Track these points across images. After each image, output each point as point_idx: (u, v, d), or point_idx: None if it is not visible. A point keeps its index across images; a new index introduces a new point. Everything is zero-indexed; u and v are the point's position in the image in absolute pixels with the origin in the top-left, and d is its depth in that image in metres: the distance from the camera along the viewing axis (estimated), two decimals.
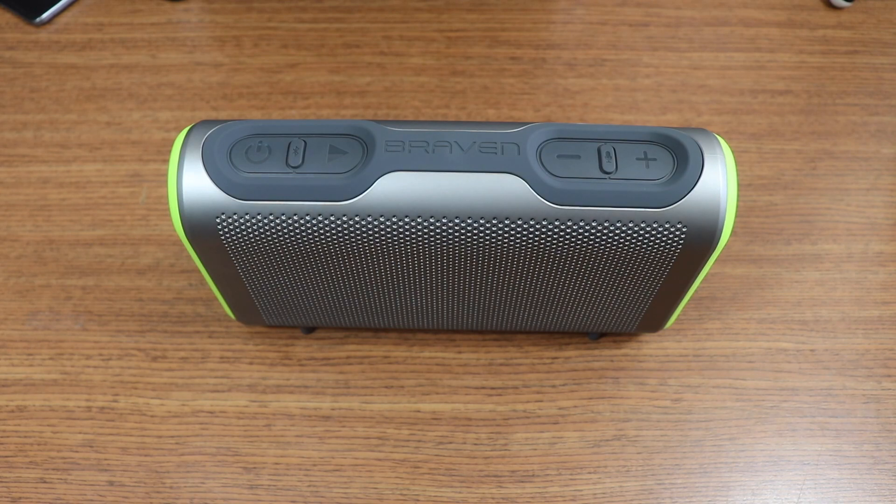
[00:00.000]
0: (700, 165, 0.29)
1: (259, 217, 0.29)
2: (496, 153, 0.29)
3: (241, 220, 0.30)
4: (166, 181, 0.30)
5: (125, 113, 0.50)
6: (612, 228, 0.29)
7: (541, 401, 0.41)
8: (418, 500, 0.38)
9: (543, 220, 0.29)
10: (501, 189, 0.29)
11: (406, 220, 0.29)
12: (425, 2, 0.55)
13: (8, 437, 0.39)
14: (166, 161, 0.48)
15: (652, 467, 0.39)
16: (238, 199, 0.29)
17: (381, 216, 0.29)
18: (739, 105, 0.51)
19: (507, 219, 0.29)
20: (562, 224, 0.29)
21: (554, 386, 0.41)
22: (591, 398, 0.41)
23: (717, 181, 0.29)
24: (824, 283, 0.44)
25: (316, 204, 0.29)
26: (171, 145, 0.48)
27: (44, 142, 0.49)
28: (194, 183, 0.29)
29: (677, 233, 0.29)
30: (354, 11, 0.54)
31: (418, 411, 0.40)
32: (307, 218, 0.29)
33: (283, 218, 0.29)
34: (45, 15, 0.53)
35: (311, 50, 0.53)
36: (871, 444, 0.40)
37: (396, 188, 0.29)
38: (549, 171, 0.29)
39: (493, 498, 0.38)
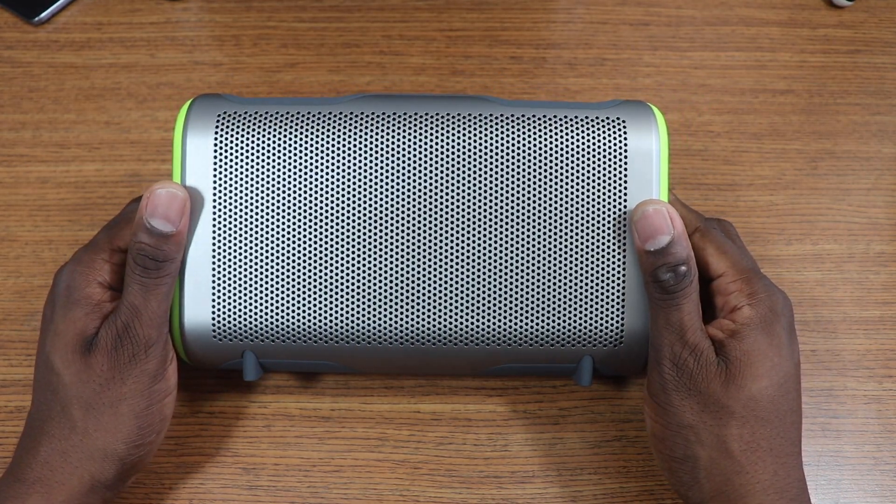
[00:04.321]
0: (622, 101, 0.37)
1: (256, 114, 0.35)
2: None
3: (240, 115, 0.35)
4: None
5: (124, 112, 0.50)
6: (561, 118, 0.35)
7: (541, 401, 0.40)
8: (418, 501, 0.38)
9: (500, 113, 0.35)
10: (466, 101, 0.36)
11: (382, 114, 0.35)
12: (425, 1, 0.55)
13: (7, 437, 0.39)
14: (165, 161, 0.48)
15: (653, 468, 0.39)
16: (229, 100, 0.36)
17: (362, 111, 0.35)
18: (740, 105, 0.51)
19: (469, 114, 0.35)
20: (516, 115, 0.35)
21: (554, 387, 0.41)
22: (591, 399, 0.41)
23: (644, 105, 0.37)
24: (825, 283, 0.44)
25: (304, 104, 0.36)
26: (171, 145, 0.48)
27: (42, 141, 0.48)
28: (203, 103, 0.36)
29: (619, 124, 0.35)
30: (354, 11, 0.54)
31: (418, 412, 0.40)
32: (297, 113, 0.35)
33: (278, 114, 0.35)
34: (44, 14, 0.53)
35: (310, 49, 0.52)
36: (872, 445, 0.40)
37: (375, 99, 0.36)
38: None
39: (493, 499, 0.38)
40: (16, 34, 0.53)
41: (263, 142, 0.35)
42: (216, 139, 0.35)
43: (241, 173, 0.35)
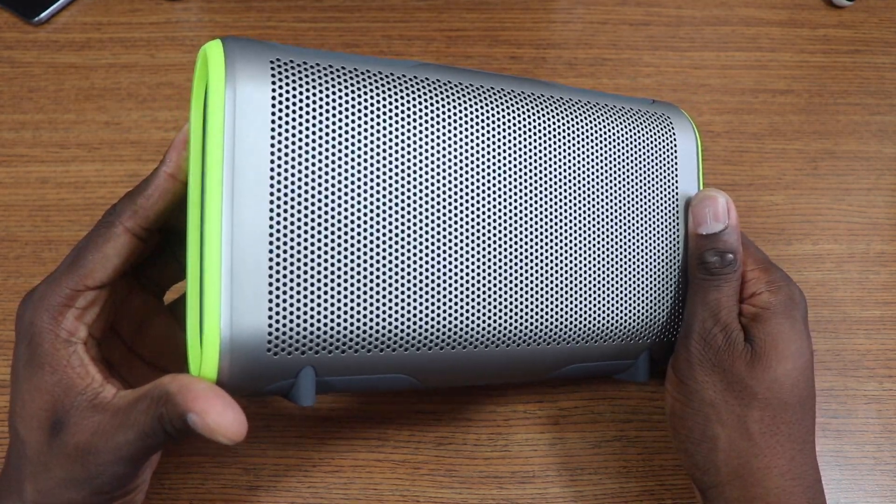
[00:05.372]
0: (650, 100, 0.37)
1: (318, 66, 0.28)
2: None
3: (300, 66, 0.28)
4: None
5: (124, 113, 0.50)
6: (612, 106, 0.35)
7: (541, 401, 0.40)
8: (418, 501, 0.38)
9: (570, 98, 0.34)
10: (524, 80, 0.34)
11: (438, 81, 0.31)
12: (425, 1, 0.55)
13: (7, 437, 0.39)
14: None
15: (653, 468, 0.39)
16: (270, 46, 0.28)
17: (415, 74, 0.30)
18: (740, 104, 0.51)
19: (532, 89, 0.33)
20: (570, 98, 0.34)
21: (554, 386, 0.41)
22: (591, 399, 0.41)
23: (674, 107, 0.38)
24: (825, 283, 0.44)
25: (368, 63, 0.30)
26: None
27: (42, 142, 0.48)
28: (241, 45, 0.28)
29: (667, 121, 0.36)
30: (354, 11, 0.54)
31: (418, 412, 0.40)
32: (368, 72, 0.29)
33: (344, 69, 0.29)
34: (44, 14, 0.53)
35: None
36: (873, 445, 0.40)
37: (433, 67, 0.31)
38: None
39: (493, 499, 0.38)
40: (16, 34, 0.53)
41: (338, 104, 0.28)
42: (274, 94, 0.27)
43: (309, 141, 0.27)
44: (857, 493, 0.38)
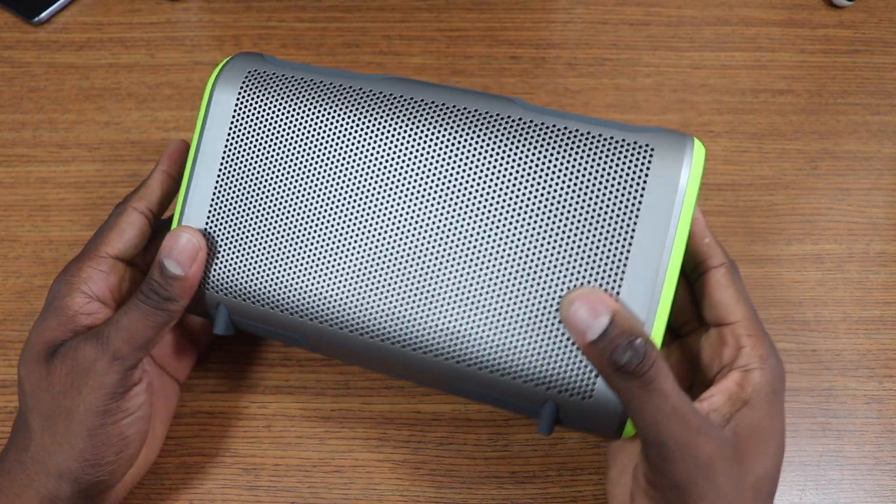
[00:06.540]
0: (663, 130, 0.32)
1: (283, 77, 0.35)
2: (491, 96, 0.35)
3: (268, 76, 0.35)
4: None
5: (124, 113, 0.50)
6: (585, 133, 0.32)
7: None
8: (418, 501, 0.38)
9: (520, 118, 0.33)
10: (493, 100, 0.34)
11: (402, 98, 0.34)
12: (425, 1, 0.55)
13: (7, 437, 0.39)
14: None
15: None
16: (266, 60, 0.36)
17: (391, 92, 0.34)
18: (740, 104, 0.51)
19: (497, 113, 0.33)
20: (540, 123, 0.33)
21: None
22: None
23: (684, 138, 0.32)
24: (825, 283, 0.44)
25: (333, 76, 0.35)
26: (171, 145, 0.48)
27: (42, 142, 0.48)
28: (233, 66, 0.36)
29: (645, 149, 0.31)
30: (354, 11, 0.54)
31: (418, 412, 0.40)
32: (321, 83, 0.35)
33: (303, 80, 0.35)
34: (44, 14, 0.53)
35: (310, 49, 0.52)
36: (873, 445, 0.40)
37: (404, 82, 0.35)
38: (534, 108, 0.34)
39: (493, 499, 0.38)
40: (16, 34, 0.53)
41: (279, 106, 0.35)
42: (239, 96, 0.35)
43: (253, 134, 0.35)
44: (857, 493, 0.38)
